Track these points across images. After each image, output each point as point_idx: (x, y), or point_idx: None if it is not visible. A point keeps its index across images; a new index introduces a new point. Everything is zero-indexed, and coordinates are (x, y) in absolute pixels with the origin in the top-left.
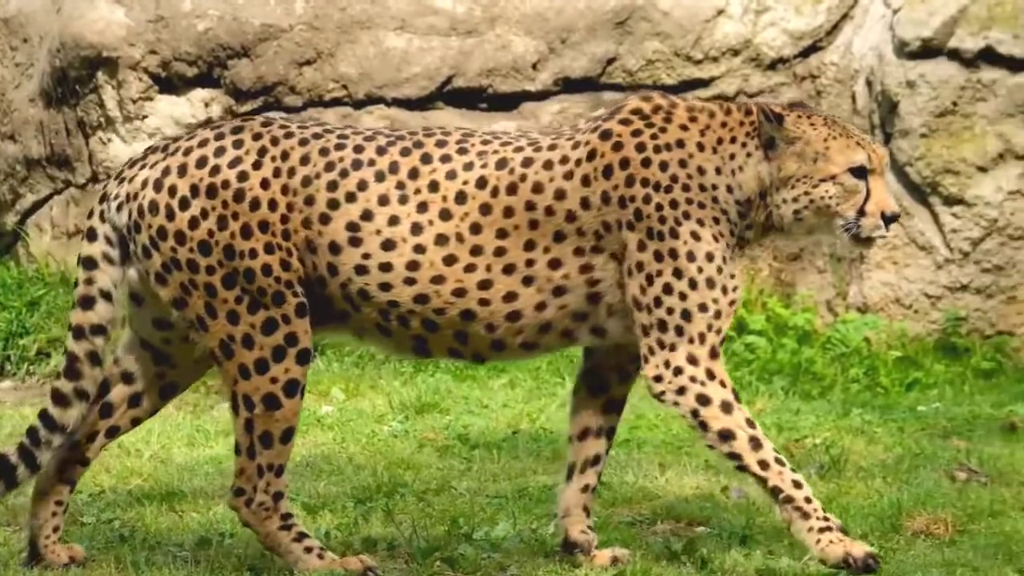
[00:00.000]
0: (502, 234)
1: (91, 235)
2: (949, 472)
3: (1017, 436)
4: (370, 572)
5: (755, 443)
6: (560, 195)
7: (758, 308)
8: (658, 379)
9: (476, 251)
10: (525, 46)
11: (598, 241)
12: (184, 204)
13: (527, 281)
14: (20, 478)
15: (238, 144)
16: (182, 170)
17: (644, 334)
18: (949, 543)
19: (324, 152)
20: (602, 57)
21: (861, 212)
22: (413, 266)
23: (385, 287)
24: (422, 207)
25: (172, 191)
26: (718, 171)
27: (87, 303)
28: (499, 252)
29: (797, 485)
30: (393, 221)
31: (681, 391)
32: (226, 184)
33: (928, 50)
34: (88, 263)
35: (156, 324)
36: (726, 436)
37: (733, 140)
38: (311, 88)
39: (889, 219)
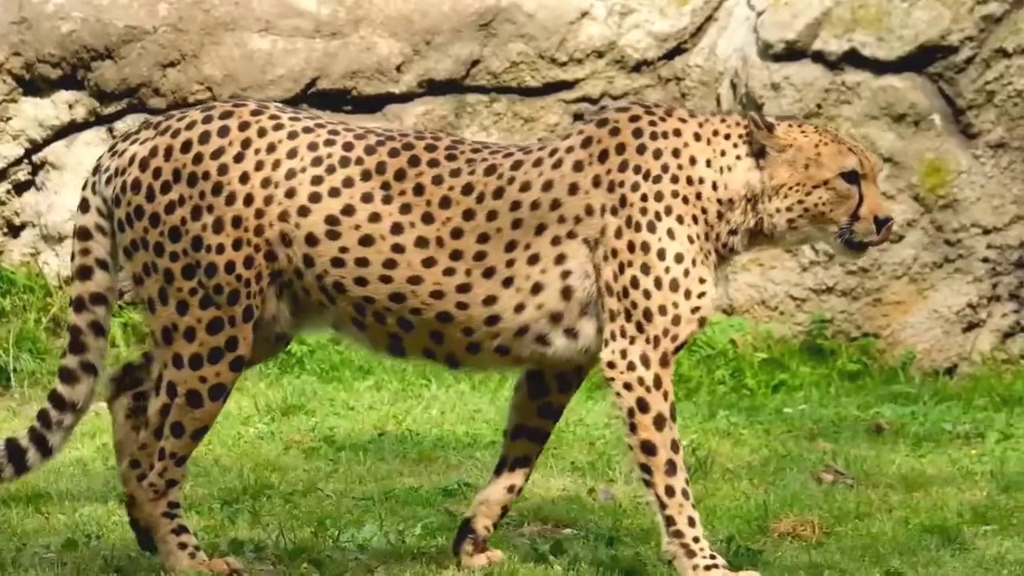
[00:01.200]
0: (483, 239)
1: (83, 206)
2: (815, 474)
3: (883, 438)
4: (235, 574)
5: (671, 467)
6: (548, 186)
7: None
8: (611, 365)
9: (456, 256)
10: (389, 48)
11: (575, 225)
12: (165, 188)
13: (507, 283)
14: (31, 462)
15: (223, 132)
16: (168, 152)
17: (611, 319)
18: (816, 545)
19: (313, 147)
20: (466, 59)
21: (855, 217)
22: (390, 264)
23: (360, 282)
24: (405, 208)
25: (156, 173)
26: (708, 163)
27: (85, 273)
28: (479, 256)
29: (691, 523)
30: (374, 218)
31: (627, 387)
32: (207, 175)
33: (792, 52)
34: (83, 234)
35: None
36: (648, 448)
37: (727, 137)
38: (175, 90)
39: (882, 223)
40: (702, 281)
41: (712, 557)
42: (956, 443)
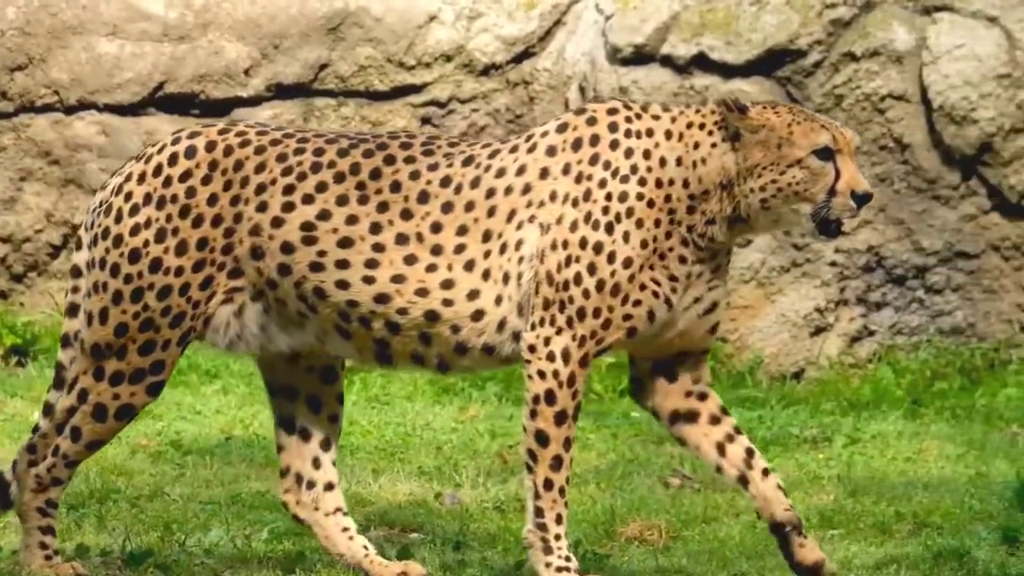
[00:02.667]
0: (463, 231)
1: (78, 244)
2: (663, 478)
3: None
4: None
5: (557, 462)
6: (521, 170)
7: None
8: (532, 349)
9: (437, 251)
10: (237, 52)
11: (537, 209)
12: (134, 211)
13: (486, 275)
14: (15, 497)
15: (190, 153)
16: (141, 177)
17: (544, 306)
18: (663, 549)
19: (282, 158)
20: (315, 63)
21: (832, 193)
22: (372, 264)
23: (342, 285)
24: (383, 207)
25: (128, 196)
26: (679, 161)
27: (74, 311)
28: (459, 249)
29: (558, 520)
30: (351, 220)
31: (541, 374)
32: (175, 198)
33: (641, 56)
34: (75, 272)
35: (289, 360)
36: (541, 438)
37: (702, 127)
38: (23, 94)
39: (860, 198)
40: (642, 288)
41: (567, 560)
42: (803, 447)
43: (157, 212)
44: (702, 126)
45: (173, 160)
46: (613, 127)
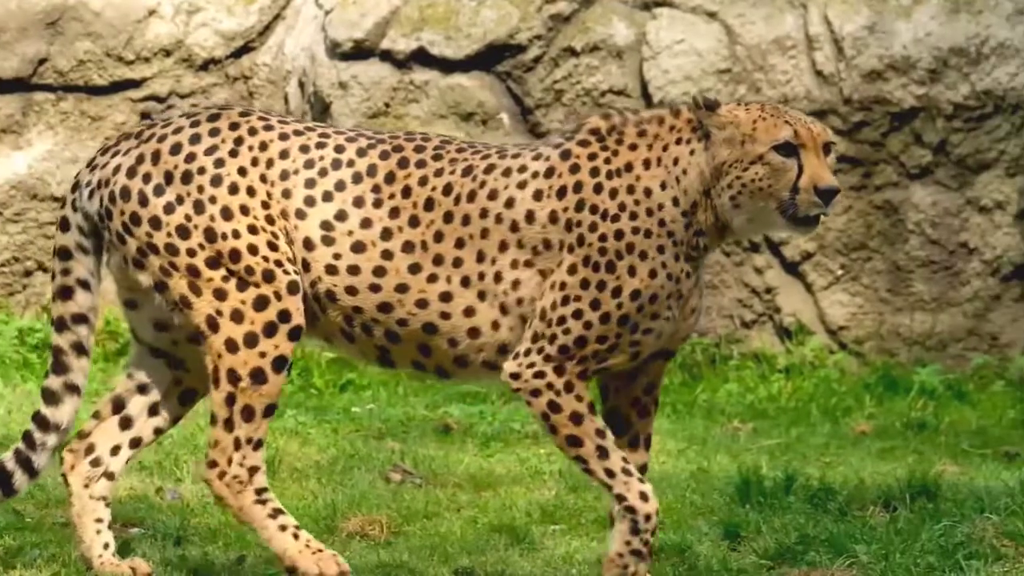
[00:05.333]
0: (460, 244)
1: (64, 225)
2: (384, 473)
3: (451, 438)
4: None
5: (601, 452)
6: (510, 203)
7: None
8: (515, 376)
9: (438, 261)
10: None
11: (534, 256)
12: (158, 191)
13: (481, 296)
14: (17, 485)
15: (214, 132)
16: (155, 157)
17: (532, 339)
18: (384, 544)
19: (304, 149)
20: (33, 57)
21: (795, 190)
22: (379, 272)
23: (351, 291)
24: (394, 212)
25: (146, 178)
26: (663, 186)
27: (66, 293)
28: (457, 263)
29: (644, 497)
30: (366, 224)
31: (535, 392)
32: (202, 170)
33: (360, 51)
34: (63, 253)
35: (157, 327)
36: (574, 442)
37: (679, 141)
38: None
39: (824, 193)
40: (654, 317)
41: (652, 534)
42: (525, 442)
43: (185, 186)
44: (679, 140)
45: (196, 139)
46: (595, 172)
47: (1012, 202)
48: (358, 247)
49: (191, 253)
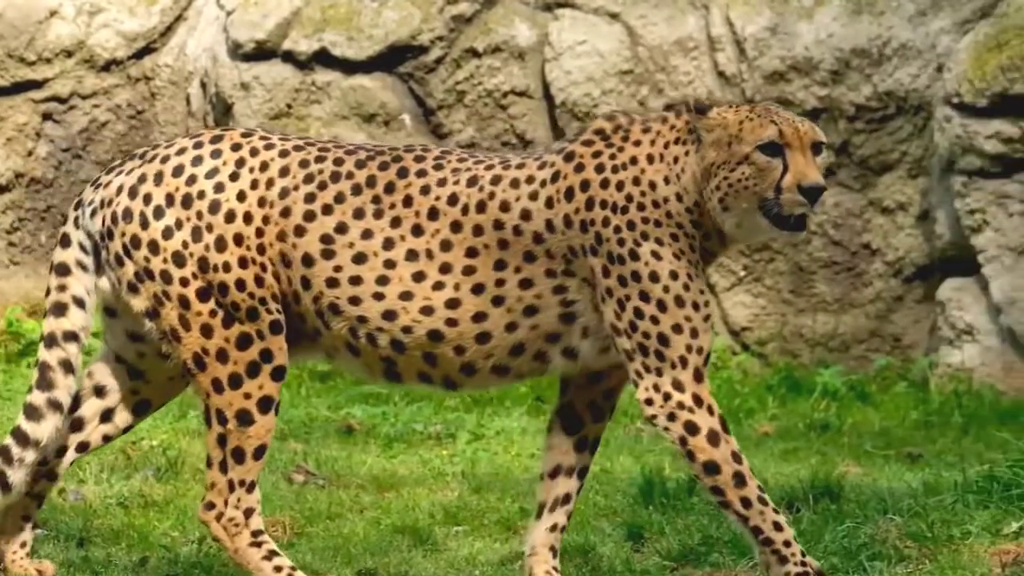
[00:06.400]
0: (472, 253)
1: (64, 241)
2: (286, 474)
3: (354, 439)
4: None
5: (739, 479)
6: (526, 215)
7: None
8: (649, 402)
9: (445, 269)
10: None
11: (568, 265)
12: (158, 213)
13: (496, 301)
14: (13, 483)
15: (216, 154)
16: (158, 178)
17: (629, 359)
18: (287, 546)
19: (304, 164)
20: None
21: (778, 190)
22: (383, 280)
23: (355, 301)
24: (395, 222)
25: (147, 199)
26: (667, 181)
27: (59, 310)
28: (469, 271)
29: (777, 527)
30: (366, 235)
31: (671, 417)
32: (202, 194)
33: (262, 52)
34: (61, 269)
35: (130, 337)
36: (711, 469)
37: (677, 141)
38: None
39: (808, 191)
40: (702, 292)
41: (803, 563)
42: (427, 444)
43: (185, 211)
44: (677, 140)
45: (198, 161)
46: (600, 168)
47: (914, 203)
48: (359, 258)
49: (184, 282)
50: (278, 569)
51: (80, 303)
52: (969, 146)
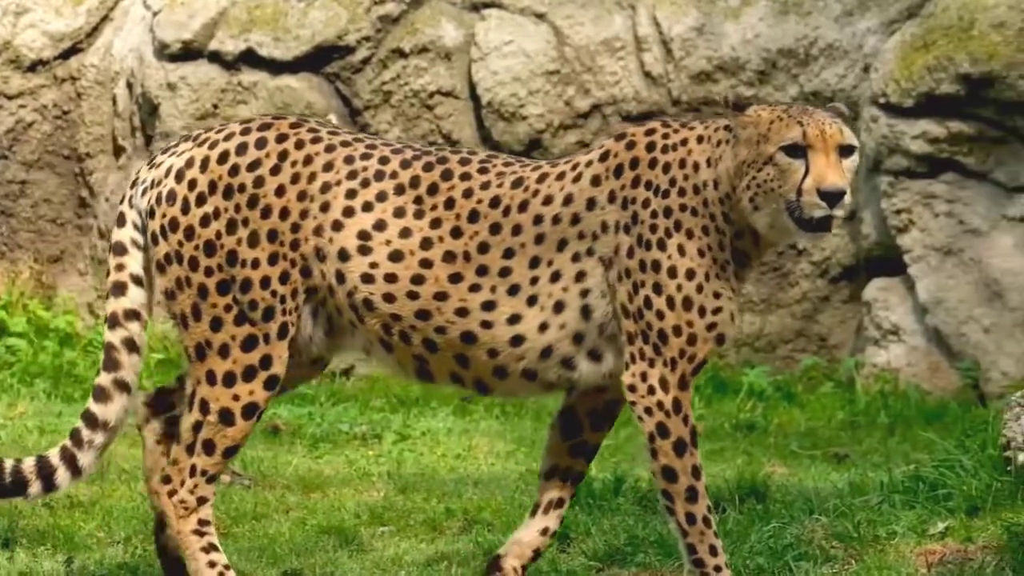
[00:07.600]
0: (508, 254)
1: (120, 220)
2: None
3: (280, 439)
4: None
5: (691, 493)
6: (568, 200)
7: (19, 310)
8: (632, 388)
9: (482, 271)
10: None
11: (593, 242)
12: (200, 200)
13: (531, 301)
14: (59, 481)
15: (261, 144)
16: (204, 164)
17: (629, 341)
18: None
19: (349, 160)
20: None
21: (799, 192)
22: (418, 280)
23: (389, 298)
24: (435, 223)
25: (192, 184)
26: (708, 162)
27: (119, 289)
28: (505, 272)
29: (713, 552)
30: (405, 233)
31: (648, 411)
32: (242, 188)
33: (189, 52)
34: (118, 249)
35: None
36: (668, 475)
37: (728, 131)
38: None
39: (827, 195)
40: (717, 296)
41: None
42: (354, 444)
43: (225, 201)
44: (727, 137)
45: (242, 149)
46: (651, 147)
47: None
48: (396, 256)
49: (208, 272)
50: (212, 564)
51: (138, 281)
52: (895, 146)
